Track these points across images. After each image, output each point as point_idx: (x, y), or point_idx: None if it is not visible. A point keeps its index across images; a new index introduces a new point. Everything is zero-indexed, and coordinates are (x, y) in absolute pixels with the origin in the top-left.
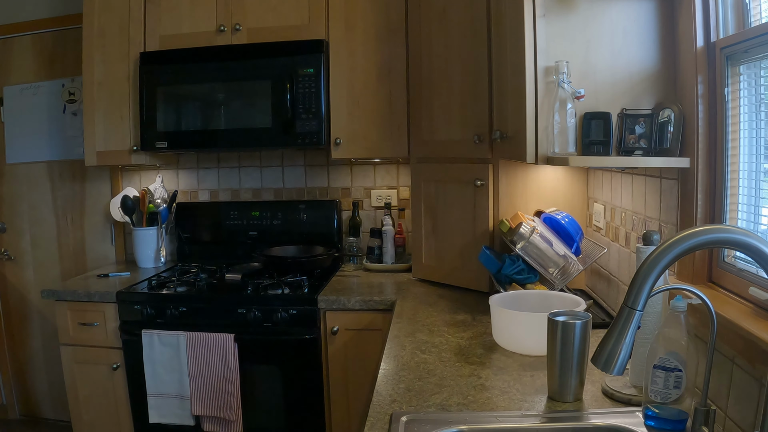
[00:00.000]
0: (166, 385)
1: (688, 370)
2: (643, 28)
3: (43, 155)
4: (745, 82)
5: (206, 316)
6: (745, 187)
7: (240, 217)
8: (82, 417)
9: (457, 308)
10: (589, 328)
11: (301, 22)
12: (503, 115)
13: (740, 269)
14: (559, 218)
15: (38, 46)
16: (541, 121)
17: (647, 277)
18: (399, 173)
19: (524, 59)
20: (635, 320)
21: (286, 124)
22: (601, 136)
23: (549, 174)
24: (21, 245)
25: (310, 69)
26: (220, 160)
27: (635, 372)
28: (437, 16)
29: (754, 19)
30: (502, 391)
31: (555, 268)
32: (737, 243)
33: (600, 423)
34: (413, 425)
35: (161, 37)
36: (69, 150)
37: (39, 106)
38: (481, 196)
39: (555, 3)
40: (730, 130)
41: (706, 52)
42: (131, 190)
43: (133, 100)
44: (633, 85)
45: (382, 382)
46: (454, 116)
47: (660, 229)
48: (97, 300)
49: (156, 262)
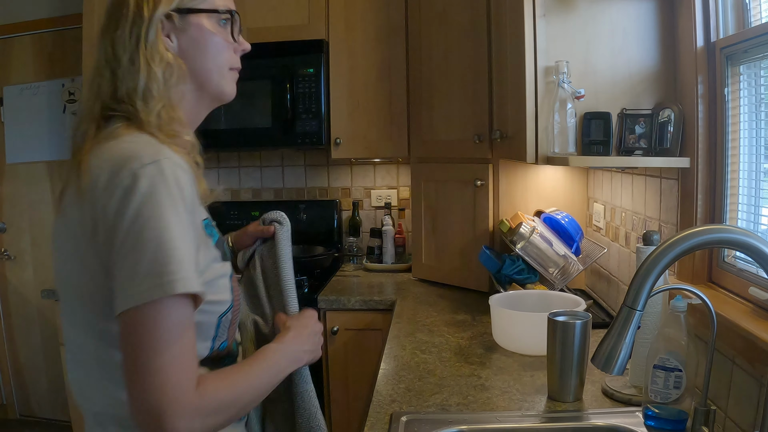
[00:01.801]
0: None
1: (688, 370)
2: (643, 28)
3: (44, 155)
4: (745, 82)
5: None
6: (745, 187)
7: (240, 217)
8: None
9: (457, 308)
10: (589, 328)
11: (301, 22)
12: (503, 115)
13: (740, 269)
14: (559, 218)
15: (38, 46)
16: (541, 121)
17: (647, 277)
18: (399, 173)
19: (524, 59)
20: (635, 320)
21: (286, 124)
22: (601, 136)
23: (549, 174)
24: (21, 245)
25: (310, 69)
26: (220, 160)
27: (635, 372)
28: (437, 16)
29: (754, 19)
30: (502, 391)
31: (555, 268)
32: (737, 243)
33: (600, 423)
34: (413, 425)
35: None
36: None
37: (39, 106)
38: (481, 196)
39: (555, 3)
40: (730, 130)
41: (706, 52)
42: None
43: None
44: (633, 85)
45: (382, 382)
46: (454, 116)
47: (660, 229)
48: None
49: None
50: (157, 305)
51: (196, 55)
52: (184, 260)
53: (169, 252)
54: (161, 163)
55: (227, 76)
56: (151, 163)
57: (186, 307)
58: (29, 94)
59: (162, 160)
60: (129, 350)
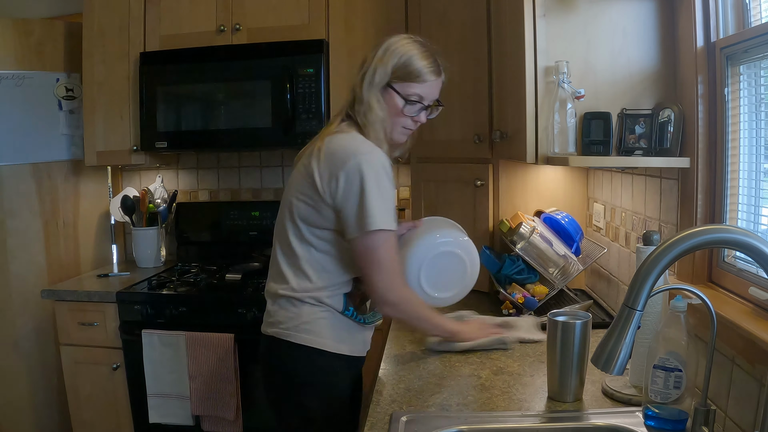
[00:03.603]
0: (166, 385)
1: (688, 370)
2: (643, 28)
3: (27, 156)
4: (745, 82)
5: (206, 316)
6: (745, 187)
7: (240, 217)
8: (82, 417)
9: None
10: (589, 328)
11: (301, 22)
12: (503, 115)
13: (740, 269)
14: (559, 218)
15: (21, 30)
16: (541, 121)
17: (647, 277)
18: (399, 173)
19: (524, 59)
20: (635, 320)
21: (286, 124)
22: (601, 136)
23: (549, 174)
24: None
25: (310, 69)
26: (220, 160)
27: (635, 372)
28: (437, 16)
29: (754, 19)
30: (502, 391)
31: (555, 268)
32: (737, 243)
33: (600, 423)
34: (413, 425)
35: (161, 37)
36: (63, 150)
37: (23, 99)
38: (481, 196)
39: (555, 3)
40: (730, 130)
41: (706, 52)
42: (131, 190)
43: (133, 99)
44: (633, 85)
45: (382, 382)
46: (454, 116)
47: (660, 229)
48: (97, 300)
49: (156, 262)
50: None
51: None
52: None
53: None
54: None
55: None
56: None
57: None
58: (11, 85)
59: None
60: (361, 262)
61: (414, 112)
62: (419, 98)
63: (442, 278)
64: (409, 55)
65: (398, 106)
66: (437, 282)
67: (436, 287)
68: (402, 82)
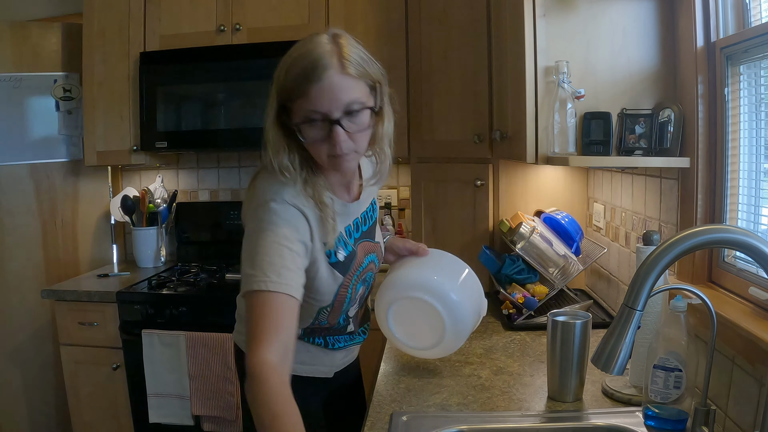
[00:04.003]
0: (166, 385)
1: (688, 370)
2: (643, 28)
3: (26, 157)
4: (745, 82)
5: (206, 316)
6: (745, 187)
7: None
8: (82, 417)
9: None
10: (589, 328)
11: (301, 22)
12: (503, 115)
13: (740, 269)
14: (559, 218)
15: (19, 33)
16: (541, 121)
17: (647, 277)
18: (399, 173)
19: (524, 59)
20: (635, 320)
21: None
22: (601, 136)
23: (549, 174)
24: None
25: None
26: (220, 160)
27: (635, 372)
28: (437, 16)
29: (754, 19)
30: (502, 391)
31: (555, 268)
32: (737, 243)
33: (600, 423)
34: (413, 425)
35: (161, 37)
36: (62, 150)
37: (21, 101)
38: (481, 196)
39: (555, 3)
40: (730, 130)
41: (706, 52)
42: (131, 190)
43: (133, 100)
44: (633, 85)
45: (382, 382)
46: (454, 116)
47: (660, 229)
48: (97, 300)
49: (156, 262)
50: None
51: None
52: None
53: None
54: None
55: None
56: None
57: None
58: (8, 87)
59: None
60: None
61: (312, 138)
62: (305, 118)
63: (414, 327)
64: (284, 69)
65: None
66: (410, 329)
67: (409, 335)
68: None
